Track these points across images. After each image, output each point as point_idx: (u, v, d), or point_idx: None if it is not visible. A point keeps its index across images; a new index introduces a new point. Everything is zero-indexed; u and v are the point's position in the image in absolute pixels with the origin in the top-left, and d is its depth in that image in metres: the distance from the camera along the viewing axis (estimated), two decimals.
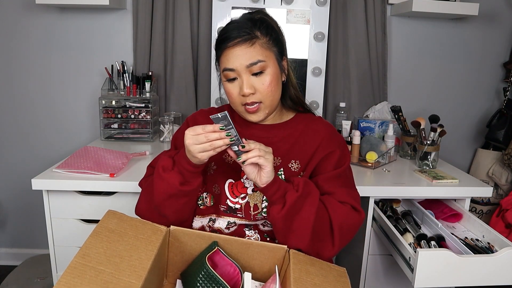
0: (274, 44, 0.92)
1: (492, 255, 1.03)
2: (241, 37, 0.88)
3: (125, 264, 0.70)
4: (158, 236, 0.79)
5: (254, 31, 0.89)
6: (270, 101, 0.93)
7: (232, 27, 0.90)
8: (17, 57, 1.88)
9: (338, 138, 1.01)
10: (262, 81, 0.90)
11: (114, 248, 0.73)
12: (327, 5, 1.75)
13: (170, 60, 1.83)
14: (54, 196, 1.32)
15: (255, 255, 0.84)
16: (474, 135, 2.12)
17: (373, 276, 1.42)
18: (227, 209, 0.96)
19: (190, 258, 0.85)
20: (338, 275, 0.81)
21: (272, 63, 0.91)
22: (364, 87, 1.89)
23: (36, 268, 1.90)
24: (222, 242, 0.83)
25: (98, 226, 0.77)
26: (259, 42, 0.89)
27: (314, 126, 1.01)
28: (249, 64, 0.88)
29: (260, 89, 0.90)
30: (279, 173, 0.96)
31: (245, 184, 0.97)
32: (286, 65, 0.98)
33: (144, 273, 0.69)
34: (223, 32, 0.91)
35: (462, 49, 1.99)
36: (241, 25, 0.90)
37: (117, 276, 0.67)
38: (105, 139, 1.79)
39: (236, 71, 0.89)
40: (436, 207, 1.43)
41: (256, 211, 0.95)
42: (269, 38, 0.91)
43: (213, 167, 0.99)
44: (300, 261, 0.81)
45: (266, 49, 0.90)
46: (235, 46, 0.88)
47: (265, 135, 0.99)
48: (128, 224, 0.80)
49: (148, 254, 0.73)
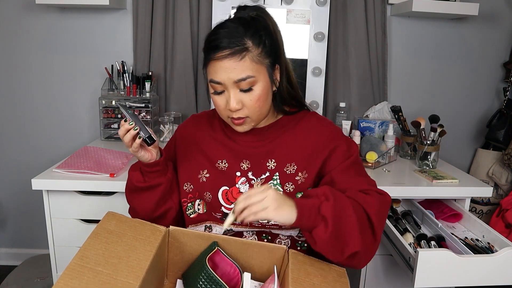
0: (267, 55, 0.86)
1: (492, 255, 1.03)
2: (231, 49, 0.82)
3: (123, 264, 0.70)
4: (157, 236, 0.79)
5: (246, 40, 0.83)
6: (257, 115, 0.89)
7: (223, 34, 0.84)
8: (17, 57, 1.88)
9: (336, 131, 0.97)
10: (250, 97, 0.85)
11: (113, 249, 0.73)
12: (327, 5, 1.75)
13: (170, 60, 1.83)
14: (54, 196, 1.32)
15: (254, 255, 0.84)
16: (474, 135, 2.12)
17: (373, 276, 1.42)
18: (223, 217, 0.94)
19: (191, 258, 0.85)
20: (337, 276, 0.81)
21: (263, 77, 0.86)
22: (364, 87, 1.89)
23: (36, 268, 1.90)
24: (221, 242, 0.83)
25: (97, 227, 0.78)
26: (249, 55, 0.83)
27: (309, 123, 0.97)
28: (238, 80, 0.83)
29: (247, 105, 0.86)
30: (275, 177, 0.93)
31: (240, 190, 0.93)
32: (279, 72, 0.92)
33: (142, 274, 0.69)
34: (212, 39, 0.85)
35: (462, 49, 1.99)
36: (231, 32, 0.83)
37: (115, 277, 0.67)
38: (105, 139, 1.79)
39: (223, 84, 0.85)
40: (436, 207, 1.43)
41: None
42: (262, 49, 0.85)
43: (206, 175, 0.96)
44: (299, 261, 0.80)
45: (257, 62, 0.84)
46: (223, 59, 0.82)
47: (256, 139, 0.96)
48: (127, 225, 0.80)
49: (147, 254, 0.73)
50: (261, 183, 0.93)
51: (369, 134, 1.79)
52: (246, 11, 0.90)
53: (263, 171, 0.94)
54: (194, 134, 1.02)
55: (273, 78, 0.90)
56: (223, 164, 0.95)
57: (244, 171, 0.94)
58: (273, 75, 0.90)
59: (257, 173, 0.94)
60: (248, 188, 0.94)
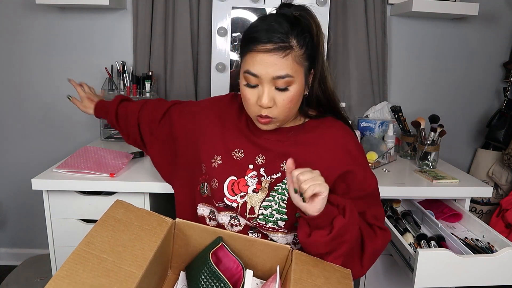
0: (308, 58, 0.84)
1: (492, 255, 1.03)
2: (275, 44, 0.79)
3: (128, 253, 0.70)
4: (163, 227, 0.80)
5: (290, 39, 0.80)
6: (285, 117, 0.87)
7: (267, 26, 0.80)
8: (16, 57, 1.88)
9: (358, 151, 0.93)
10: (283, 97, 0.83)
11: (119, 237, 0.73)
12: (327, 5, 1.75)
13: (170, 60, 1.83)
14: (54, 196, 1.32)
15: (258, 253, 0.84)
16: (474, 135, 2.12)
17: (373, 276, 1.42)
18: (225, 207, 0.94)
19: (195, 251, 0.86)
20: (341, 277, 0.80)
21: (300, 79, 0.84)
22: (364, 87, 1.89)
23: (36, 268, 1.90)
24: (226, 237, 0.83)
25: (105, 215, 0.78)
26: (292, 54, 0.80)
27: (333, 135, 0.93)
28: (276, 76, 0.80)
29: (279, 105, 0.84)
30: (285, 181, 0.92)
31: (247, 183, 0.92)
32: (313, 77, 0.90)
33: (146, 264, 0.69)
34: (254, 30, 0.82)
35: (462, 49, 1.99)
36: (276, 27, 0.80)
37: (118, 265, 0.67)
38: (105, 139, 1.79)
39: (260, 78, 0.82)
40: (436, 207, 1.43)
41: (252, 215, 0.91)
42: (304, 51, 0.82)
43: (219, 161, 0.95)
44: (302, 262, 0.80)
45: (297, 63, 0.82)
46: (265, 53, 0.79)
47: (276, 138, 0.94)
48: (135, 214, 0.81)
49: (151, 245, 0.74)
50: (270, 182, 0.92)
51: (369, 134, 1.79)
52: (290, 9, 0.86)
53: (275, 171, 0.93)
54: (222, 113, 1.01)
55: (308, 81, 0.89)
56: (239, 153, 0.94)
57: (257, 165, 0.94)
58: (308, 79, 0.89)
59: (269, 171, 0.93)
60: (256, 183, 0.92)
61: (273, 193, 0.92)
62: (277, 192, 0.92)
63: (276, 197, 0.92)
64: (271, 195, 0.92)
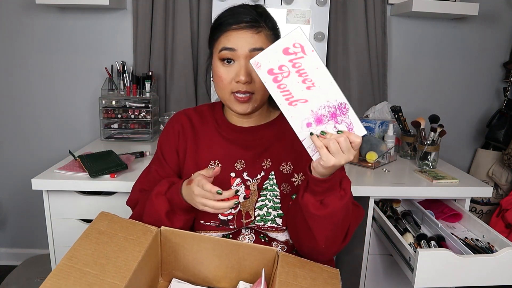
0: (275, 40, 0.87)
1: (492, 255, 1.03)
2: (248, 22, 0.83)
3: (111, 265, 0.70)
4: (148, 237, 0.79)
5: (260, 21, 0.85)
6: (262, 95, 0.87)
7: (238, 10, 0.85)
8: (17, 57, 1.88)
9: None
10: None
11: (102, 249, 0.73)
12: (327, 5, 1.75)
13: (170, 60, 1.83)
14: (54, 196, 1.32)
15: (245, 256, 0.83)
16: (474, 135, 2.12)
17: (373, 276, 1.42)
18: (220, 223, 0.92)
19: (184, 258, 0.85)
20: (329, 277, 0.79)
21: None
22: (364, 87, 1.89)
23: (36, 268, 1.90)
24: (213, 244, 0.83)
25: (89, 227, 0.79)
26: (264, 32, 0.85)
27: None
28: (252, 48, 0.82)
29: (257, 79, 0.83)
30: (270, 176, 0.92)
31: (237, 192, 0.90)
32: None
33: (129, 274, 0.69)
34: (226, 13, 0.86)
35: (462, 49, 1.99)
36: (247, 11, 0.85)
37: (101, 278, 0.67)
38: (105, 139, 1.79)
39: (236, 52, 0.83)
40: (436, 207, 1.43)
41: (248, 219, 0.91)
42: (273, 33, 0.87)
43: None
44: (288, 264, 0.80)
45: (269, 41, 0.84)
46: (240, 30, 0.83)
47: (251, 138, 0.94)
48: (119, 225, 0.81)
49: (135, 255, 0.73)
50: (257, 184, 0.92)
51: (369, 134, 1.79)
52: (254, 6, 0.90)
53: (258, 171, 0.92)
54: (185, 131, 0.98)
55: None
56: (216, 165, 0.93)
57: (239, 171, 0.93)
58: None
59: (252, 173, 0.92)
60: (244, 189, 0.92)
61: (264, 192, 0.92)
62: (267, 189, 0.92)
63: (268, 195, 0.92)
64: (262, 194, 0.92)
